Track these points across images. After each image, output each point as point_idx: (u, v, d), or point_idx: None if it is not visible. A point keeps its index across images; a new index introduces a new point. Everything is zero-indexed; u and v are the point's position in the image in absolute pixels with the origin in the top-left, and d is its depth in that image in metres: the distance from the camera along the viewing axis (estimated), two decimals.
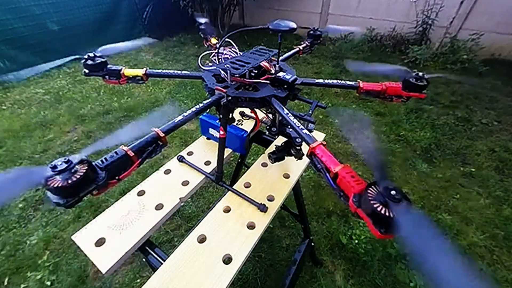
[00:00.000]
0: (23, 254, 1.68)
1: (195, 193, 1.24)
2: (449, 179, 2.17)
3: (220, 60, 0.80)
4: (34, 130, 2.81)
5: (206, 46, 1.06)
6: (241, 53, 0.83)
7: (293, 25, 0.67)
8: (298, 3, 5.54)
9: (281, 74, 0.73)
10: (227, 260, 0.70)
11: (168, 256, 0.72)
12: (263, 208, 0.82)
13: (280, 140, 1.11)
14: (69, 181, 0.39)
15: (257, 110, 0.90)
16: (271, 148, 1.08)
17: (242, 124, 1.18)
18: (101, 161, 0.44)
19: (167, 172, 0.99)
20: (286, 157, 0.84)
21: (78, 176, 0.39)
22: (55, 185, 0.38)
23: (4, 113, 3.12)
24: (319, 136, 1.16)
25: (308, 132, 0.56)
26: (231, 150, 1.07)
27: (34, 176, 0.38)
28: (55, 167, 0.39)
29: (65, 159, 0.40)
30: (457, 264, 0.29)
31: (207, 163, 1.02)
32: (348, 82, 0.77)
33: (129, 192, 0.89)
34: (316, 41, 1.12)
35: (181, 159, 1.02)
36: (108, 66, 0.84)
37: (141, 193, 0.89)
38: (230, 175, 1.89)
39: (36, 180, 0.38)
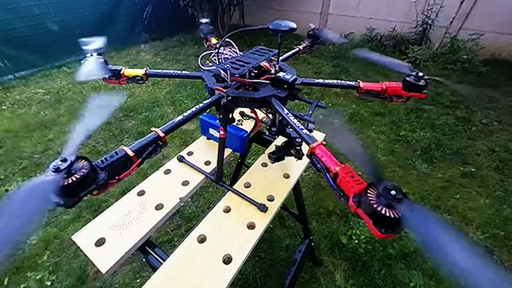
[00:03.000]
0: (23, 254, 1.68)
1: (195, 193, 1.24)
2: (449, 179, 2.17)
3: (220, 60, 0.80)
4: (34, 130, 2.81)
5: (206, 46, 1.06)
6: (241, 53, 0.83)
7: (293, 25, 0.67)
8: (298, 3, 5.54)
9: (281, 74, 0.73)
10: (227, 260, 0.70)
11: (168, 256, 0.72)
12: (263, 208, 0.82)
13: (280, 140, 1.11)
14: (69, 181, 0.39)
15: (257, 110, 0.90)
16: (271, 148, 1.08)
17: (242, 124, 1.18)
18: (101, 161, 0.44)
19: (167, 172, 0.98)
20: (286, 157, 0.84)
21: (78, 176, 0.39)
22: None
23: (4, 113, 3.12)
24: (319, 136, 1.16)
25: (308, 132, 0.56)
26: (231, 150, 1.07)
27: (47, 187, 0.35)
28: (58, 168, 0.39)
29: (62, 157, 0.40)
30: (468, 250, 0.30)
31: (207, 163, 1.02)
32: (348, 82, 0.77)
33: (129, 192, 0.89)
34: (316, 41, 1.12)
35: (181, 159, 1.02)
36: (108, 66, 0.84)
37: (141, 193, 0.89)
38: (230, 175, 1.89)
39: (51, 189, 0.35)
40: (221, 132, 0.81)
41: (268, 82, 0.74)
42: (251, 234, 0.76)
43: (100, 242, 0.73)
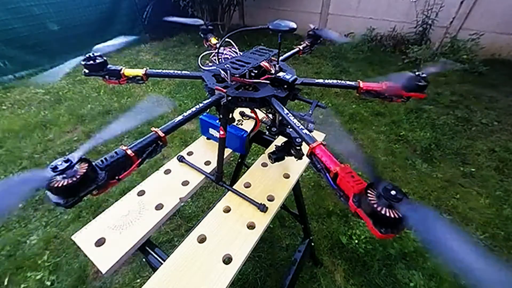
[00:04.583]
0: (23, 254, 1.68)
1: (195, 193, 1.24)
2: (449, 179, 2.17)
3: (220, 60, 0.80)
4: (34, 130, 2.81)
5: (206, 46, 1.06)
6: (241, 53, 0.83)
7: (293, 25, 0.67)
8: (298, 3, 5.54)
9: (281, 74, 0.73)
10: (227, 260, 0.70)
11: (168, 256, 0.72)
12: (263, 208, 0.82)
13: (280, 140, 1.11)
14: (69, 181, 0.39)
15: (257, 110, 0.90)
16: (271, 148, 1.08)
17: (242, 124, 1.18)
18: (101, 161, 0.44)
19: (167, 172, 0.98)
20: (286, 157, 0.84)
21: (78, 176, 0.39)
22: (56, 186, 0.38)
23: (4, 113, 3.12)
24: (319, 136, 1.16)
25: (308, 132, 0.56)
26: (231, 150, 1.07)
27: (36, 181, 0.37)
28: (55, 167, 0.39)
29: (65, 158, 0.40)
30: (470, 247, 0.31)
31: (207, 163, 1.02)
32: (348, 82, 0.77)
33: (129, 192, 0.89)
34: (316, 41, 1.12)
35: (181, 159, 1.02)
36: (108, 66, 0.84)
37: (141, 193, 0.89)
38: (230, 175, 1.89)
39: (38, 184, 0.37)
40: (221, 132, 0.81)
41: (268, 82, 0.74)
42: (251, 234, 0.76)
43: (100, 242, 0.73)
